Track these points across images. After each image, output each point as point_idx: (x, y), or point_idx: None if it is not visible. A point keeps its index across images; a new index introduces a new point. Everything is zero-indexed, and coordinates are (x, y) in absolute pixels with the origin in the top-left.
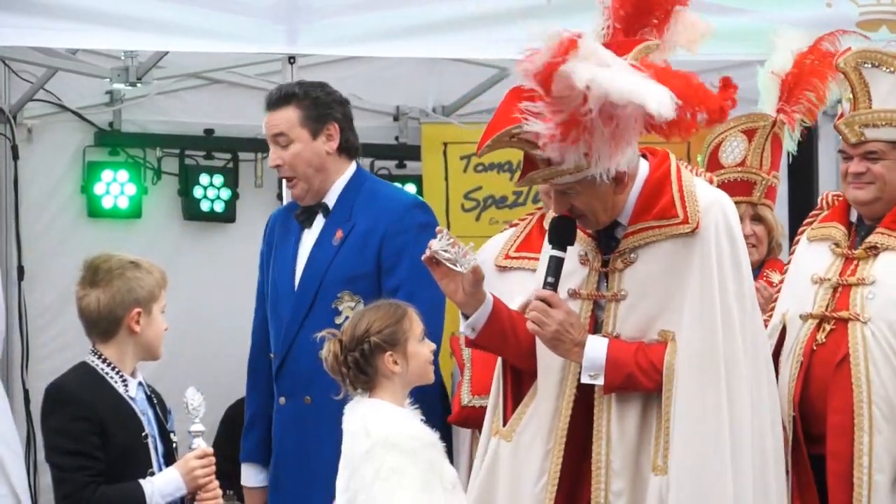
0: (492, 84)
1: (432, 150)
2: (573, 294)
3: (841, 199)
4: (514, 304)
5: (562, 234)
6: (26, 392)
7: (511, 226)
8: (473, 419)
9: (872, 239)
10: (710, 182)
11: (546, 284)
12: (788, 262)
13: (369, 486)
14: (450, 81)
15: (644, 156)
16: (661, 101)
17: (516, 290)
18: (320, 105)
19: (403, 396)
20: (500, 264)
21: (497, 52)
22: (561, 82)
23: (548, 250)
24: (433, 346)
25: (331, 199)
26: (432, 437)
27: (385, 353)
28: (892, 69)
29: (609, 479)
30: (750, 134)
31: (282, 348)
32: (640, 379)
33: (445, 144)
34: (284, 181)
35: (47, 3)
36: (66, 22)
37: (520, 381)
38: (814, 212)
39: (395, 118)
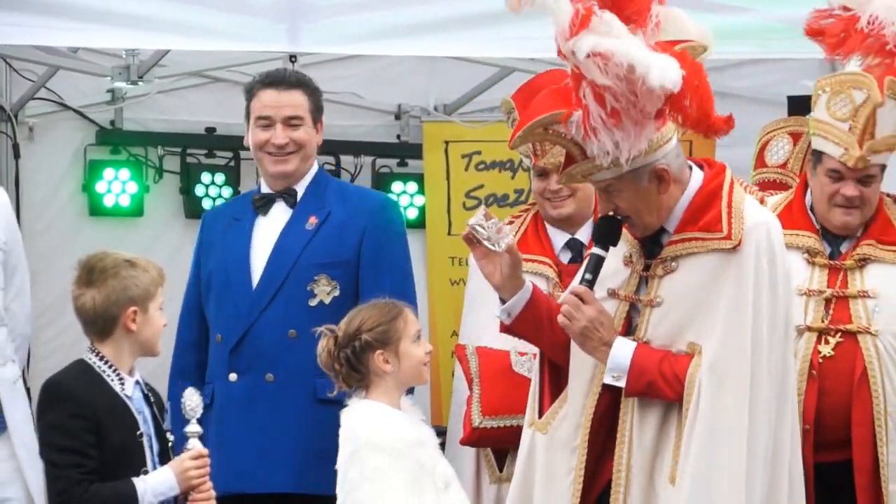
0: (493, 83)
1: (434, 148)
2: (612, 293)
3: (785, 200)
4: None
5: (606, 233)
6: (28, 391)
7: (507, 223)
8: (486, 439)
9: (863, 251)
10: (762, 202)
11: (583, 280)
12: None
13: (357, 488)
14: (451, 80)
15: (700, 166)
16: (664, 71)
17: None
18: (319, 98)
19: (398, 396)
20: None
21: (499, 50)
22: (572, 56)
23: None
24: (429, 347)
25: (300, 188)
26: (421, 436)
27: (375, 351)
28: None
29: (629, 483)
30: (796, 137)
31: (240, 326)
32: (663, 387)
33: (447, 143)
34: (269, 158)
35: (48, 1)
36: (67, 21)
37: (559, 374)
38: None
39: (397, 117)
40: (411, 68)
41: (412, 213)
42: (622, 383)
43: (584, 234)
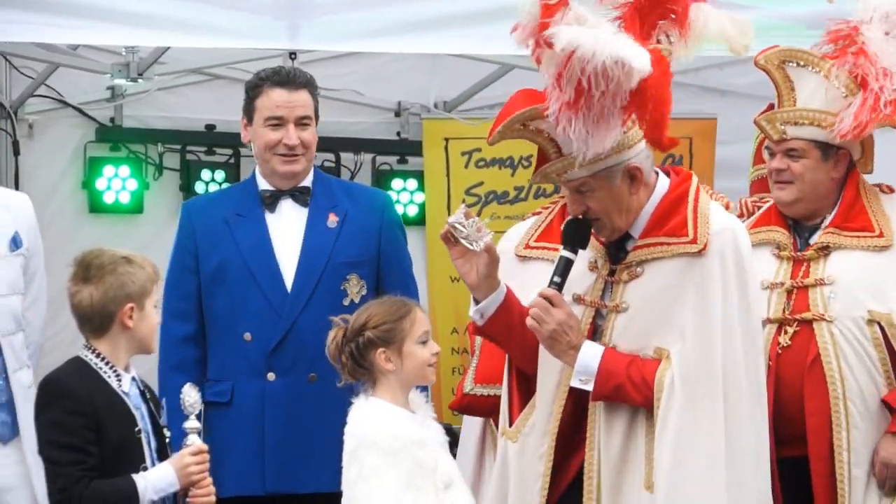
0: (493, 80)
1: (434, 145)
2: (577, 299)
3: (763, 204)
4: (531, 296)
5: (574, 236)
6: None
7: (533, 214)
8: (475, 407)
9: (823, 239)
10: (727, 207)
11: (552, 283)
12: None
13: (353, 486)
14: (451, 77)
15: (667, 173)
16: (640, 58)
17: (535, 279)
18: (317, 99)
19: (403, 394)
20: (520, 254)
21: (499, 47)
22: (548, 46)
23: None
24: (436, 348)
25: (308, 184)
26: (424, 435)
27: (378, 349)
28: (817, 69)
29: (600, 488)
30: None
31: (279, 326)
32: (630, 391)
33: (447, 140)
34: (279, 158)
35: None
36: (67, 18)
37: (527, 382)
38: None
39: (397, 114)
40: (411, 65)
41: (412, 210)
42: (589, 387)
43: None
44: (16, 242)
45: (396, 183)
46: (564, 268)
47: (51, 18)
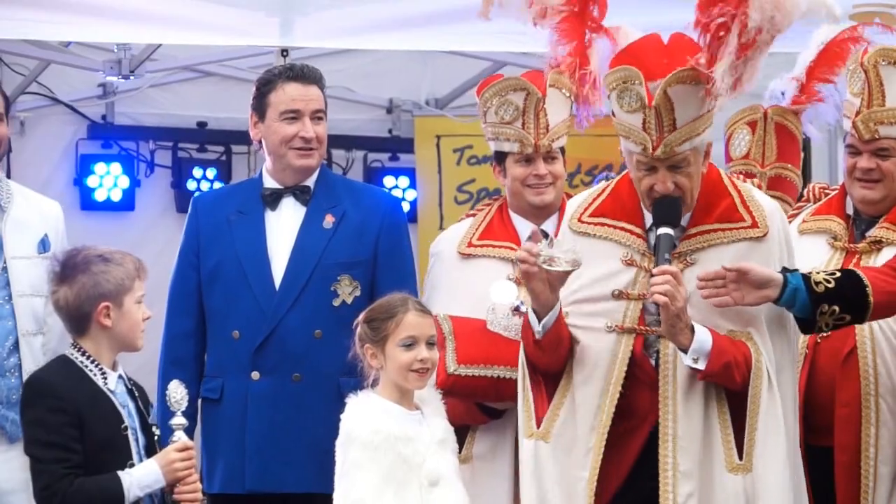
0: (484, 76)
1: (425, 142)
2: (618, 295)
3: (831, 191)
4: (478, 291)
5: (669, 213)
6: None
7: (468, 215)
8: (461, 387)
9: (877, 233)
10: (760, 188)
11: (663, 261)
12: None
13: (338, 481)
14: (443, 74)
15: None
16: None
17: (481, 276)
18: (326, 97)
19: (400, 392)
20: (463, 252)
21: (491, 44)
22: None
23: (654, 231)
24: (421, 354)
25: (310, 184)
26: (413, 432)
27: (364, 344)
28: None
29: (677, 481)
30: (753, 126)
31: (264, 326)
32: (734, 371)
33: (438, 137)
34: (295, 152)
35: None
36: (58, 14)
37: (548, 383)
38: (798, 204)
39: (389, 111)
40: (403, 62)
41: (404, 208)
42: (701, 365)
43: (549, 225)
44: (44, 245)
45: (388, 180)
46: (668, 243)
47: (42, 15)
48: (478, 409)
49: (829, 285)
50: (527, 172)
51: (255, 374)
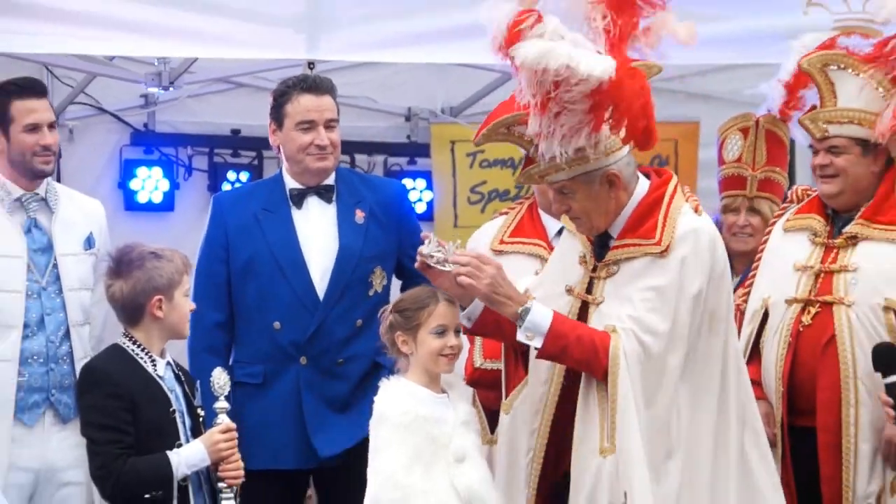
0: (495, 87)
1: (441, 147)
2: (568, 290)
3: (812, 192)
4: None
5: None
6: None
7: (501, 214)
8: (485, 380)
9: (852, 230)
10: (697, 209)
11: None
12: (761, 251)
13: (371, 458)
14: (457, 85)
15: (648, 175)
16: (593, 67)
17: (512, 271)
18: (338, 102)
19: (428, 376)
20: (495, 248)
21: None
22: (516, 58)
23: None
24: (450, 341)
25: (332, 181)
26: (440, 413)
27: (396, 332)
28: (857, 72)
29: (579, 461)
30: (745, 132)
31: (311, 319)
32: (574, 350)
33: (453, 143)
34: (312, 157)
35: (87, 12)
36: (104, 31)
37: (525, 358)
38: (784, 205)
39: (407, 118)
40: (420, 74)
41: (421, 208)
42: (537, 343)
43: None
44: (89, 242)
45: (407, 182)
46: None
47: (89, 31)
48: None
49: None
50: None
51: (304, 360)
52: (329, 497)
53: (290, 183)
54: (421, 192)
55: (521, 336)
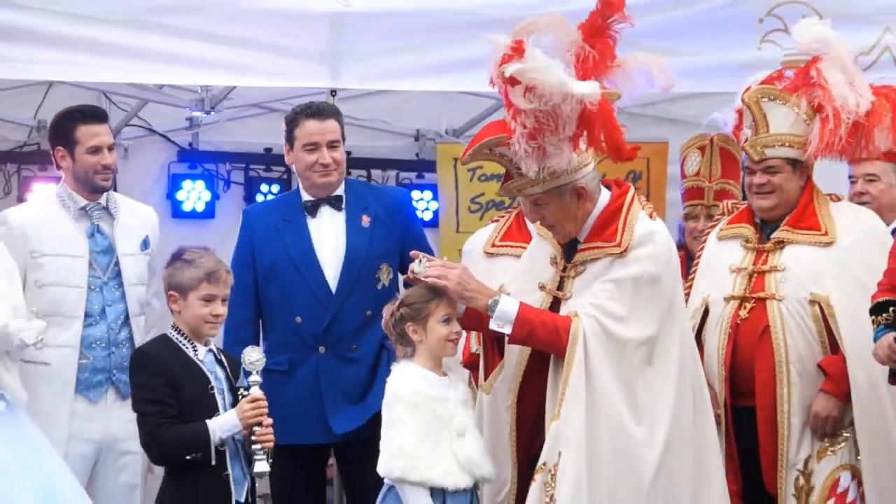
0: (491, 112)
1: (445, 164)
2: (541, 287)
3: (741, 205)
4: (500, 282)
5: None
6: None
7: (493, 221)
8: (479, 364)
9: (779, 235)
10: (651, 216)
11: None
12: (699, 257)
13: (385, 433)
14: (459, 110)
15: (609, 187)
16: (586, 86)
17: (503, 270)
18: (343, 122)
19: (433, 362)
20: (488, 251)
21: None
22: (504, 80)
23: None
24: (455, 328)
25: (341, 192)
26: (443, 393)
27: (407, 323)
28: (784, 102)
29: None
30: (702, 149)
31: (326, 312)
32: (540, 334)
33: (455, 160)
34: (317, 174)
35: (141, 47)
36: (154, 63)
37: (500, 345)
38: (716, 217)
39: (416, 139)
40: (427, 100)
41: (428, 216)
42: (507, 330)
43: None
44: (145, 244)
45: (415, 194)
46: None
47: (142, 63)
48: None
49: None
50: None
51: (322, 349)
52: (347, 466)
53: (305, 196)
54: (428, 202)
55: (493, 325)
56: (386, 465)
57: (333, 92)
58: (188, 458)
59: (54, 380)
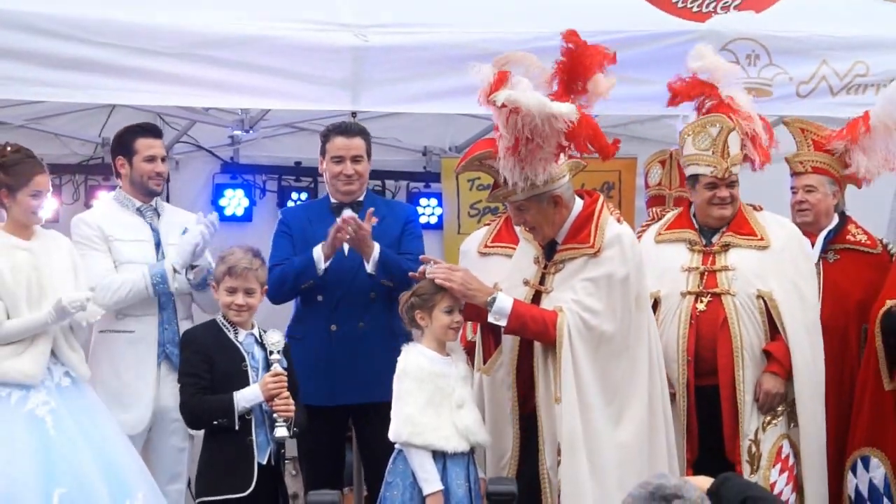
0: (489, 131)
1: (449, 176)
2: (525, 282)
3: (667, 212)
4: (492, 277)
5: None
6: None
7: (486, 224)
8: (474, 349)
9: (726, 239)
10: (619, 220)
11: None
12: None
13: (394, 402)
14: (461, 129)
15: (582, 196)
16: (564, 106)
17: (495, 269)
18: (370, 140)
19: (438, 344)
20: (481, 251)
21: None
22: (493, 105)
23: None
24: (457, 318)
25: (361, 198)
26: (444, 370)
27: (416, 310)
28: (733, 128)
29: (540, 406)
30: (663, 163)
31: (338, 292)
32: (530, 326)
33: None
34: (341, 183)
35: (190, 75)
36: (202, 89)
37: (496, 334)
38: (645, 223)
39: (424, 154)
40: (434, 121)
41: (433, 220)
42: (503, 322)
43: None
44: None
45: (423, 201)
46: None
47: (191, 89)
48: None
49: None
50: None
51: (334, 327)
52: (363, 431)
53: (332, 200)
54: (434, 208)
55: (491, 318)
56: (395, 431)
57: (354, 114)
58: (215, 423)
59: (138, 344)
